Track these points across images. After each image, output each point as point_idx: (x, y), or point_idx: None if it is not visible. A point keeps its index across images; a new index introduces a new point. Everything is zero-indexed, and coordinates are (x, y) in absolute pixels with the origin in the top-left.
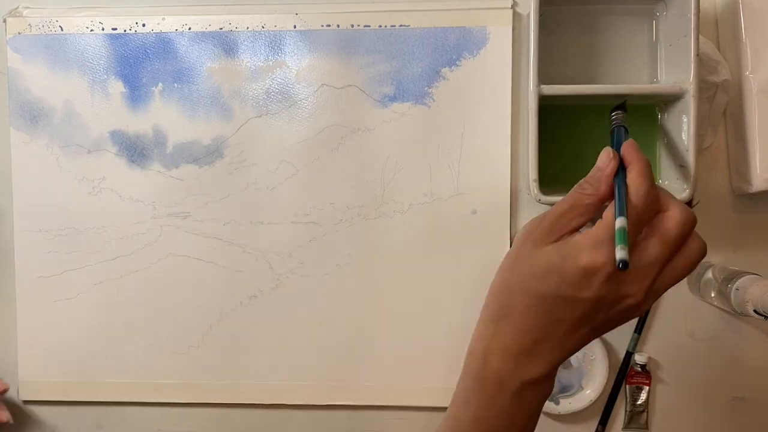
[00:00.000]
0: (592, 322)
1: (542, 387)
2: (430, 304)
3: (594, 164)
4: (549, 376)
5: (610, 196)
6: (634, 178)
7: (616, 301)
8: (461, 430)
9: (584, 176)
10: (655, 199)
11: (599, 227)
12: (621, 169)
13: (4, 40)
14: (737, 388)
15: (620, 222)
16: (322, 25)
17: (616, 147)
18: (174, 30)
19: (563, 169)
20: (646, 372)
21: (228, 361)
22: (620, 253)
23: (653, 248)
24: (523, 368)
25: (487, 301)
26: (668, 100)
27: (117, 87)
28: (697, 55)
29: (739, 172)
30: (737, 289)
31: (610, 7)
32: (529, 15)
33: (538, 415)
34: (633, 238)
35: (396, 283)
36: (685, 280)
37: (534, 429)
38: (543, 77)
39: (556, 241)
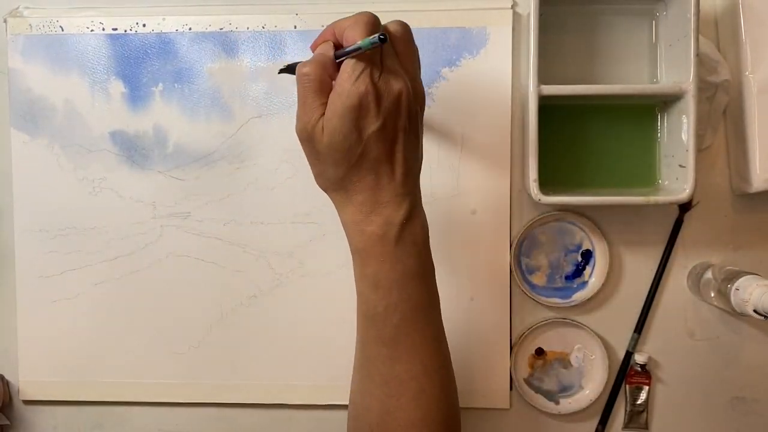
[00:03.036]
0: (389, 130)
1: (416, 219)
2: None
3: (594, 164)
4: (409, 205)
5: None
6: (353, 29)
7: (382, 97)
8: (371, 301)
9: (584, 175)
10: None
11: (336, 84)
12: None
13: (4, 40)
14: (737, 388)
15: (362, 42)
16: (323, 26)
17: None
18: (174, 30)
19: (563, 169)
20: (646, 372)
21: (228, 361)
22: (374, 37)
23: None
24: (390, 213)
25: (331, 196)
26: (668, 100)
27: (117, 87)
28: (697, 55)
29: (738, 172)
30: (737, 289)
31: (610, 7)
32: (529, 15)
33: (429, 252)
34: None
35: None
36: (685, 281)
37: (431, 265)
38: (543, 77)
39: (317, 124)
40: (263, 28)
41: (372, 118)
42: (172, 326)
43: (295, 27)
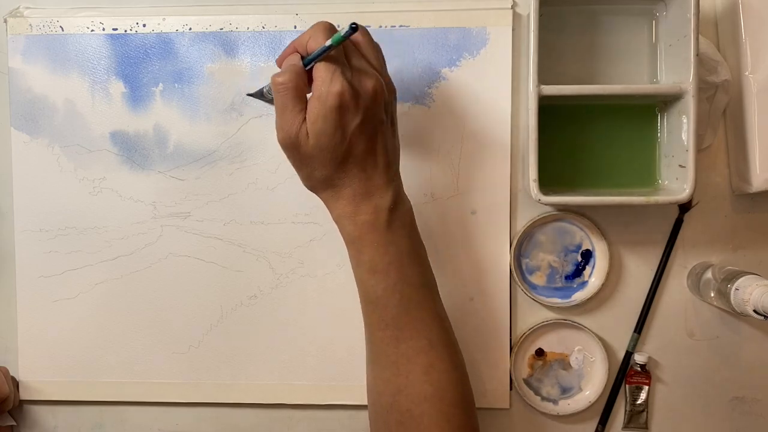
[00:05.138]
0: (369, 124)
1: (401, 203)
2: None
3: (594, 164)
4: (394, 191)
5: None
6: (315, 37)
7: (359, 94)
8: (369, 286)
9: (584, 175)
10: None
11: (314, 88)
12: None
13: (4, 40)
14: (737, 388)
15: (328, 41)
16: None
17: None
18: (174, 30)
19: (563, 169)
20: (645, 372)
21: (228, 361)
22: (346, 29)
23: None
24: (378, 201)
25: (320, 196)
26: (668, 100)
27: (118, 87)
28: (697, 55)
29: (738, 172)
30: (737, 289)
31: (610, 7)
32: (529, 15)
33: (418, 233)
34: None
35: None
36: (685, 281)
37: (422, 246)
38: (543, 77)
39: (300, 130)
40: (263, 28)
41: (352, 114)
42: (172, 326)
43: (295, 27)
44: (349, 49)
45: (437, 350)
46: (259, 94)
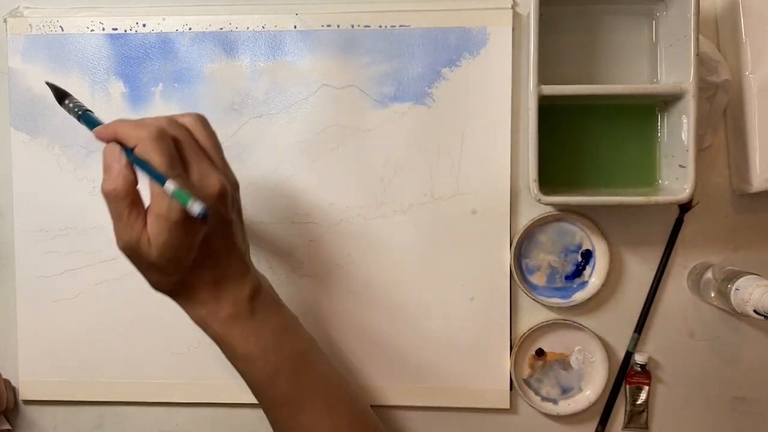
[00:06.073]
0: (218, 228)
1: (259, 286)
2: (430, 305)
3: (594, 164)
4: (251, 279)
5: (134, 180)
6: (143, 151)
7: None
8: (253, 374)
9: (584, 175)
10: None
11: (154, 203)
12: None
13: (4, 40)
14: (737, 388)
15: (170, 185)
16: (322, 25)
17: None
18: (174, 30)
19: (563, 169)
20: (646, 372)
21: (228, 362)
22: (196, 207)
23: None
24: (236, 293)
25: (175, 300)
26: (668, 100)
27: (117, 87)
28: (697, 55)
29: (739, 172)
30: (737, 289)
31: (610, 7)
32: (529, 15)
33: (282, 304)
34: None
35: (396, 283)
36: (685, 281)
37: (291, 314)
38: (543, 77)
39: (141, 238)
40: (263, 28)
41: (199, 224)
42: (172, 326)
43: (295, 27)
44: (185, 145)
45: (336, 409)
46: (59, 98)
